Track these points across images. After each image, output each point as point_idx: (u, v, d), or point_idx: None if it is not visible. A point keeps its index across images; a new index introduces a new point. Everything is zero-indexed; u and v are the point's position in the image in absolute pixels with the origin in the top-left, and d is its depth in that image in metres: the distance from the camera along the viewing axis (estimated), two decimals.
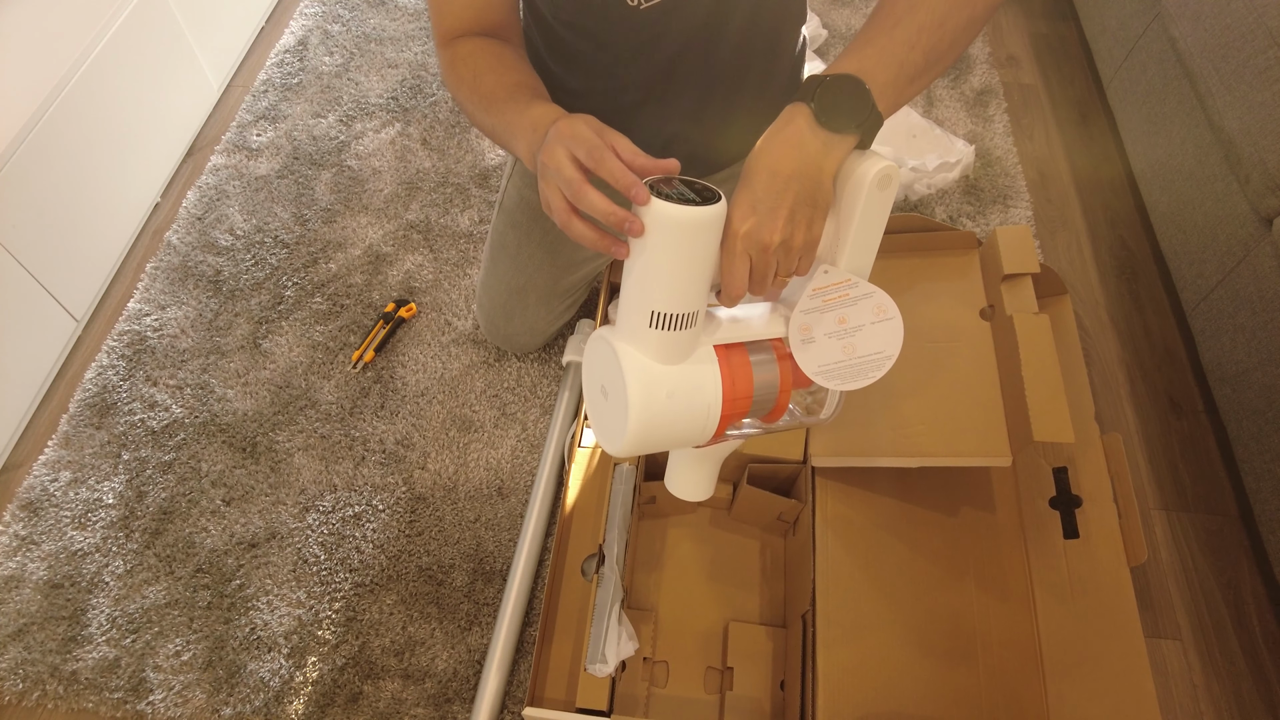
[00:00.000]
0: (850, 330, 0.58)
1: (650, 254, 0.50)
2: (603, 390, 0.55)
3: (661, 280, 0.51)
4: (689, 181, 0.52)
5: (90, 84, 1.24)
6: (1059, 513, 0.83)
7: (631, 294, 0.52)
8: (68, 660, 0.98)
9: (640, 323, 0.51)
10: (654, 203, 0.48)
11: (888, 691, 0.76)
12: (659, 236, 0.49)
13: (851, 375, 0.58)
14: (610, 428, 0.55)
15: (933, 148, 1.42)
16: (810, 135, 0.53)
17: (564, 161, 0.53)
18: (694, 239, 0.50)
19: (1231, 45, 1.08)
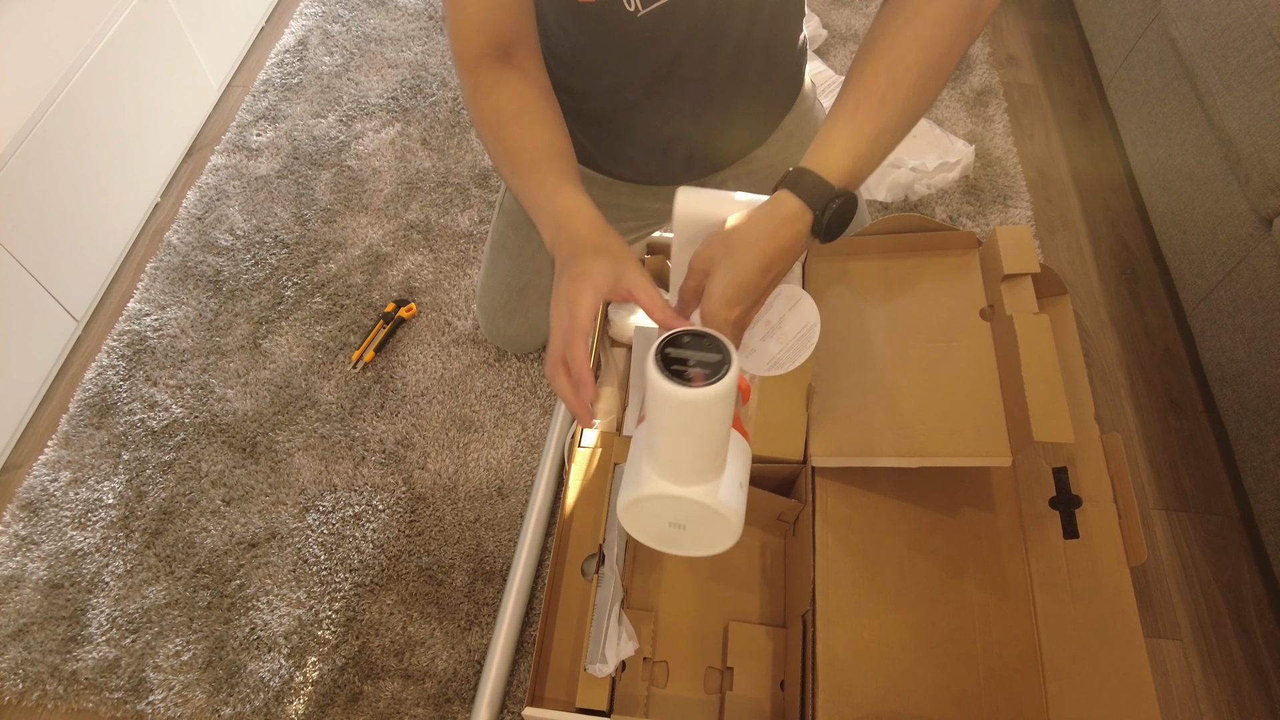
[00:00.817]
0: (775, 326, 0.68)
1: (677, 424, 0.50)
2: (673, 525, 0.57)
3: (700, 439, 0.52)
4: (697, 334, 0.51)
5: (90, 84, 1.24)
6: (1059, 513, 0.83)
7: (675, 446, 0.52)
8: (68, 660, 0.98)
9: (696, 464, 0.53)
10: (668, 388, 0.48)
11: (888, 691, 0.76)
12: (677, 413, 0.50)
13: (795, 353, 0.67)
14: (701, 542, 0.57)
15: (932, 148, 1.42)
16: (804, 242, 0.57)
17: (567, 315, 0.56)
18: (715, 409, 0.50)
19: (1231, 45, 1.08)
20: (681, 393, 0.47)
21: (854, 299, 0.91)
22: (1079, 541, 0.81)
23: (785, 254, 0.56)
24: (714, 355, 0.50)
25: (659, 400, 0.49)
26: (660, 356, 0.50)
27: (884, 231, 0.91)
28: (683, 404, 0.48)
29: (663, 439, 0.52)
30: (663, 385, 0.48)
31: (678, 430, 0.50)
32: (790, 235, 0.56)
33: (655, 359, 0.49)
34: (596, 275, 0.55)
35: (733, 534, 0.55)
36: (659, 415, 0.51)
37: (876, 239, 0.92)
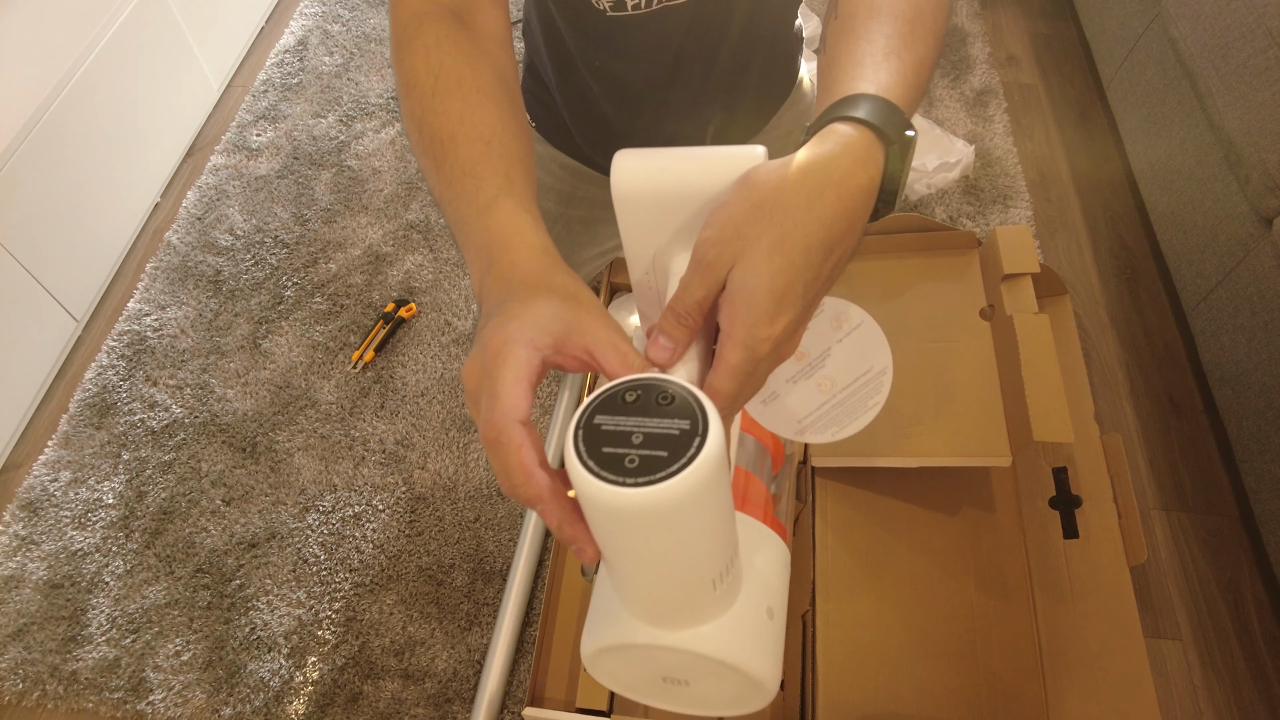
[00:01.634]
0: (815, 362, 0.43)
1: (633, 543, 0.31)
2: (669, 681, 0.37)
3: (679, 560, 0.31)
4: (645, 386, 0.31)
5: (90, 84, 1.24)
6: (1059, 513, 0.83)
7: (642, 573, 0.32)
8: (68, 660, 0.97)
9: (682, 595, 0.33)
10: (597, 489, 0.28)
11: (888, 692, 0.76)
12: (626, 527, 0.30)
13: (847, 413, 0.43)
14: (714, 701, 0.37)
15: (932, 148, 1.42)
16: (872, 201, 0.37)
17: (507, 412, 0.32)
18: (692, 512, 0.29)
19: (1231, 45, 1.08)
20: (620, 497, 0.27)
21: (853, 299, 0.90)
22: (1079, 541, 0.81)
23: (855, 218, 0.35)
24: (675, 421, 0.29)
25: (590, 506, 0.30)
26: (582, 433, 0.30)
27: (883, 231, 0.91)
28: (626, 512, 0.28)
29: (617, 561, 0.32)
30: (588, 484, 0.28)
31: (633, 550, 0.31)
32: (864, 183, 0.35)
33: (574, 432, 0.30)
34: (534, 324, 0.34)
35: (762, 693, 0.35)
36: (602, 528, 0.31)
37: (876, 239, 0.92)
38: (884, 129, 0.36)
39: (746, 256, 0.33)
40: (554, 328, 0.34)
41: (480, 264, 0.39)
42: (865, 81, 0.39)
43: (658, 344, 0.35)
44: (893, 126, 0.37)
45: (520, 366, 0.32)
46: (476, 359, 0.34)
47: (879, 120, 0.36)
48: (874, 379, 0.44)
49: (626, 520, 0.29)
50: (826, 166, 0.35)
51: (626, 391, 0.30)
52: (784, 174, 0.35)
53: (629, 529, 0.29)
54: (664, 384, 0.30)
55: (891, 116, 0.37)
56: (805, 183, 0.34)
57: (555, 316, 0.34)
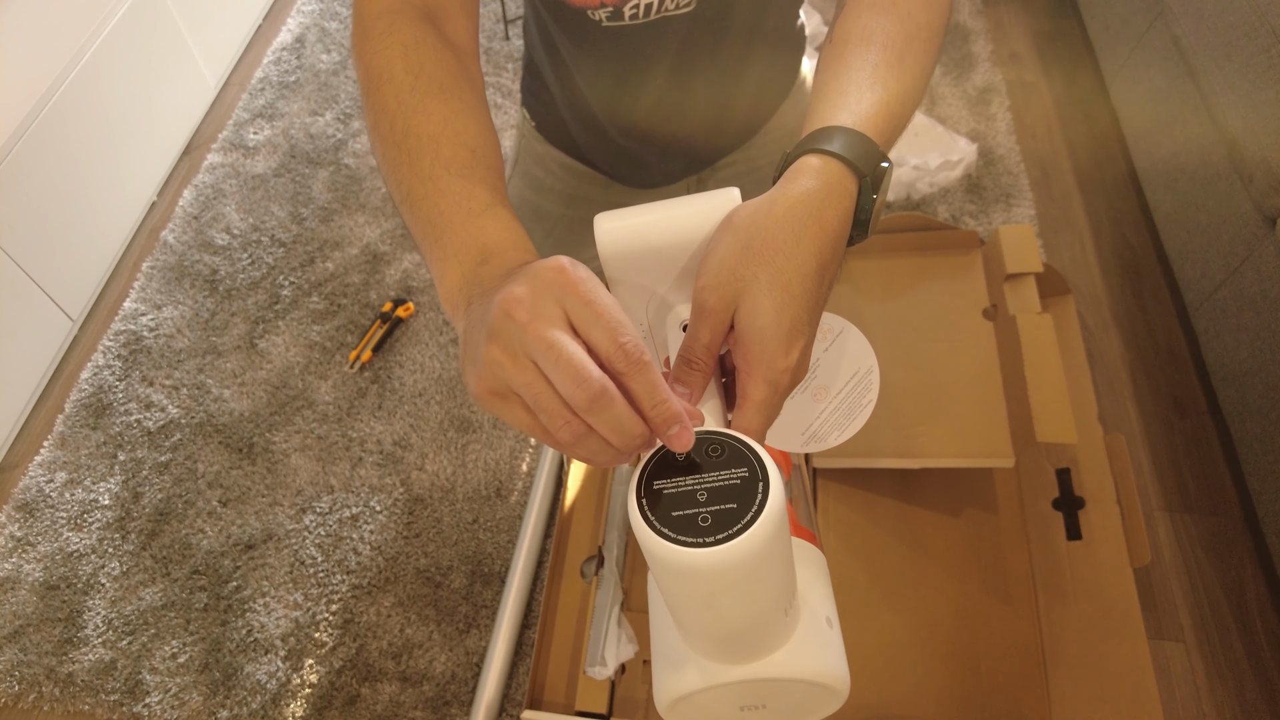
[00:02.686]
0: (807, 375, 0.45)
1: (709, 598, 0.32)
2: (746, 709, 0.39)
3: (751, 602, 0.32)
4: (709, 442, 0.32)
5: (86, 82, 1.23)
6: (1062, 514, 0.83)
7: (715, 620, 0.33)
8: (64, 662, 0.97)
9: (755, 631, 0.34)
10: (675, 554, 0.29)
11: (890, 693, 0.76)
12: (700, 586, 0.31)
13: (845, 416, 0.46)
14: (791, 716, 0.39)
15: (935, 146, 1.41)
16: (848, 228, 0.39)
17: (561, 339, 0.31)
18: (762, 559, 0.30)
19: (1235, 44, 1.08)
20: (698, 558, 0.29)
21: (855, 299, 0.90)
22: (1082, 543, 0.81)
23: (838, 246, 0.38)
24: (733, 470, 0.30)
25: (665, 570, 0.31)
26: (646, 501, 0.30)
27: (886, 230, 0.91)
28: (703, 572, 0.29)
29: (690, 617, 0.33)
30: (664, 551, 0.29)
31: (709, 605, 0.32)
32: (840, 214, 0.38)
33: (638, 503, 0.30)
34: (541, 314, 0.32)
35: (837, 698, 0.37)
36: (674, 589, 0.32)
37: (878, 238, 0.91)
38: (856, 163, 0.39)
39: (748, 296, 0.35)
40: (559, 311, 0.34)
41: (469, 259, 0.39)
42: (845, 112, 0.41)
43: (676, 394, 0.34)
44: (865, 160, 0.39)
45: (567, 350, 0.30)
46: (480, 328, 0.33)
47: (852, 155, 0.39)
48: (863, 379, 0.47)
49: (714, 577, 0.30)
50: (806, 201, 0.37)
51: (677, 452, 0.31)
52: (768, 213, 0.37)
53: (716, 584, 0.30)
54: (710, 436, 0.32)
55: (865, 150, 0.39)
56: (788, 219, 0.37)
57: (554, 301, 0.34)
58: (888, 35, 0.44)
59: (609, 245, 0.40)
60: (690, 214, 0.40)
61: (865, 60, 0.44)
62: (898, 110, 0.42)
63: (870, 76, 0.43)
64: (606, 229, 0.40)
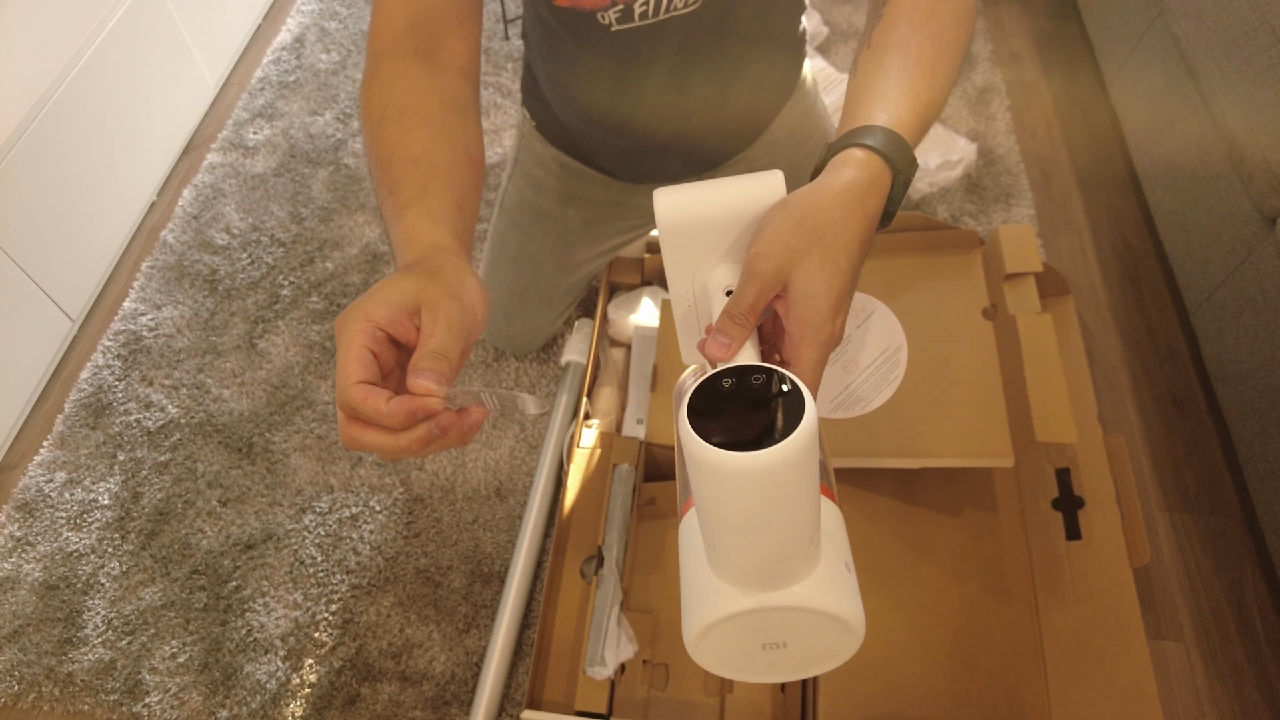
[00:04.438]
0: (840, 349, 0.48)
1: (746, 507, 0.34)
2: (768, 647, 0.41)
3: (783, 520, 0.35)
4: (742, 371, 0.36)
5: (86, 81, 1.23)
6: (1061, 514, 0.83)
7: (749, 539, 0.36)
8: (63, 662, 0.97)
9: (783, 556, 0.36)
10: (720, 457, 0.32)
11: (889, 694, 0.76)
12: (740, 491, 0.34)
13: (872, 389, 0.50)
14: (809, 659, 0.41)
15: (934, 146, 1.41)
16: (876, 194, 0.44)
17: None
18: (796, 473, 0.33)
19: (1234, 43, 1.08)
20: (741, 461, 0.32)
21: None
22: (1082, 543, 0.81)
23: (873, 229, 0.44)
24: (774, 396, 0.34)
25: (709, 478, 0.33)
26: (693, 413, 0.34)
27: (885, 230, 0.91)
28: (746, 476, 0.32)
29: (727, 532, 0.36)
30: (710, 456, 0.32)
31: (747, 515, 0.34)
32: (877, 203, 0.44)
33: (686, 418, 0.34)
34: (375, 298, 0.38)
35: (854, 638, 0.39)
36: (715, 499, 0.35)
37: (878, 238, 0.91)
38: (894, 159, 0.44)
39: (801, 267, 0.40)
40: (394, 300, 0.39)
41: (396, 259, 0.46)
42: (884, 113, 0.46)
43: (716, 341, 0.40)
44: (900, 157, 0.44)
45: (350, 339, 0.39)
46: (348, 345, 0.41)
47: (890, 151, 0.44)
48: (892, 356, 0.54)
49: (756, 482, 0.33)
50: (852, 188, 0.43)
51: (723, 377, 0.35)
52: (819, 195, 0.42)
53: (756, 492, 0.33)
54: (753, 367, 0.35)
55: (901, 149, 0.44)
56: (838, 202, 0.42)
57: (403, 290, 0.40)
58: (923, 49, 0.49)
59: (667, 217, 0.45)
60: (740, 192, 0.45)
61: (903, 68, 0.48)
62: (926, 116, 0.48)
63: (907, 84, 0.48)
64: (665, 203, 0.45)
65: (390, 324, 0.39)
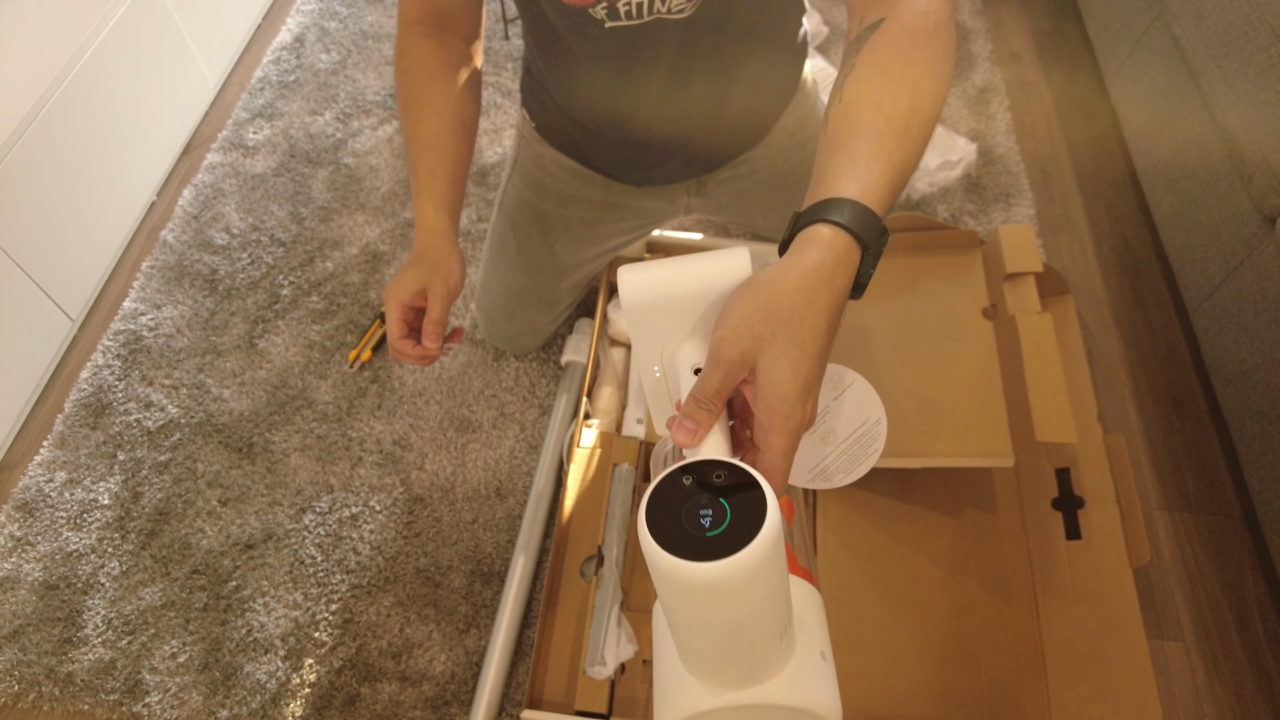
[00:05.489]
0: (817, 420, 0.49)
1: (706, 612, 0.33)
2: None
3: (748, 622, 0.34)
4: (700, 466, 0.35)
5: (85, 81, 1.23)
6: (1061, 514, 0.83)
7: (714, 641, 0.35)
8: (63, 662, 0.97)
9: (751, 654, 0.35)
10: (678, 567, 0.31)
11: (889, 693, 0.76)
12: (701, 599, 0.33)
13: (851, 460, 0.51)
14: None
15: (934, 146, 1.41)
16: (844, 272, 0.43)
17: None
18: (759, 576, 0.32)
19: (1234, 43, 1.08)
20: (699, 571, 0.31)
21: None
22: (1081, 542, 0.81)
23: (841, 309, 0.43)
24: (735, 494, 0.33)
25: (669, 584, 0.32)
26: (652, 518, 0.33)
27: None
28: (705, 586, 0.31)
29: (691, 633, 0.35)
30: (667, 564, 0.31)
31: (709, 619, 0.33)
32: (846, 282, 0.43)
33: (646, 525, 0.33)
34: (401, 285, 0.68)
35: None
36: (676, 604, 0.34)
37: None
38: (863, 236, 0.43)
39: (767, 354, 0.39)
40: (411, 288, 0.68)
41: (416, 229, 0.71)
42: (854, 183, 0.45)
43: (683, 427, 0.40)
44: (869, 233, 0.43)
45: (392, 312, 0.68)
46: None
47: (859, 228, 0.43)
48: (871, 429, 0.52)
49: (715, 591, 0.31)
50: (819, 270, 0.42)
51: (682, 475, 0.34)
52: (784, 278, 0.41)
53: (717, 600, 0.32)
54: (713, 463, 0.34)
55: (870, 224, 0.43)
56: (803, 285, 0.41)
57: (416, 279, 0.68)
58: (895, 105, 0.47)
59: (632, 295, 0.44)
60: (706, 270, 0.44)
61: (873, 130, 0.47)
62: (899, 181, 0.46)
63: (877, 148, 0.46)
64: (630, 281, 0.44)
65: (411, 301, 0.68)
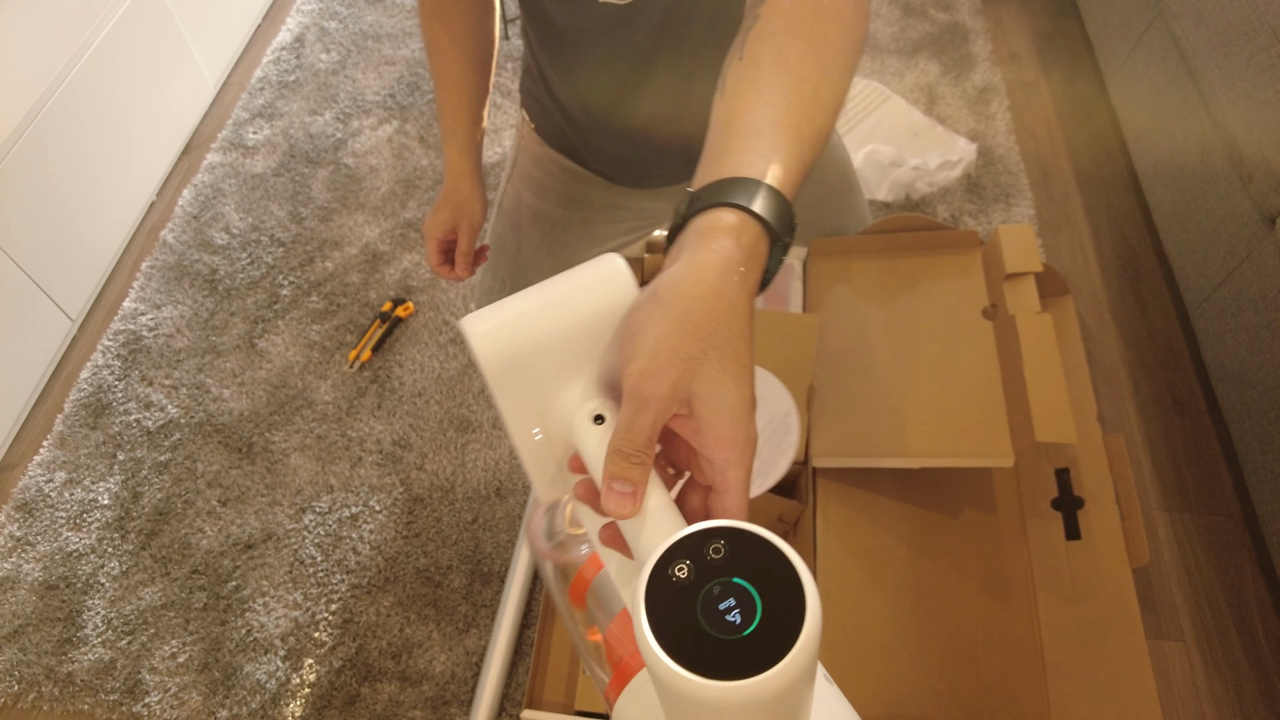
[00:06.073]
0: None
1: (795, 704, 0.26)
2: None
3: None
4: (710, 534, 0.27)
5: (85, 82, 1.23)
6: (1061, 514, 0.83)
7: None
8: (63, 662, 0.97)
9: None
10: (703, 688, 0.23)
11: (889, 693, 0.76)
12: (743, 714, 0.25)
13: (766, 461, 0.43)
14: None
15: (934, 146, 1.41)
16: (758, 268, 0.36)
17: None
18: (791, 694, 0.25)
19: (1234, 43, 1.08)
20: (738, 692, 0.23)
21: (855, 299, 0.90)
22: (1081, 543, 0.81)
23: (753, 310, 0.37)
24: (753, 575, 0.25)
25: (688, 706, 0.24)
26: (656, 616, 0.25)
27: (885, 230, 0.91)
28: (743, 708, 0.24)
29: None
30: (692, 688, 0.23)
31: None
32: (758, 277, 0.36)
33: (647, 625, 0.24)
34: (435, 223, 0.79)
35: None
36: None
37: (878, 238, 0.91)
38: (774, 225, 0.36)
39: (704, 377, 0.32)
40: (444, 225, 0.80)
41: (448, 174, 0.81)
42: (760, 159, 0.38)
43: (616, 493, 0.31)
44: (782, 224, 0.37)
45: (429, 245, 0.80)
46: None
47: (771, 216, 0.36)
48: (782, 422, 0.46)
49: (772, 704, 0.24)
50: (731, 265, 0.35)
51: (672, 564, 0.26)
52: (697, 281, 0.34)
53: (769, 711, 0.24)
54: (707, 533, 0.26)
55: (782, 212, 0.37)
56: (722, 287, 0.34)
57: (446, 219, 0.80)
58: (804, 64, 0.41)
59: (489, 350, 0.33)
60: (574, 291, 0.35)
61: (781, 93, 0.40)
62: (809, 157, 0.40)
63: (785, 116, 0.40)
64: (479, 333, 0.33)
65: (444, 238, 0.80)
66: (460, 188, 0.81)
